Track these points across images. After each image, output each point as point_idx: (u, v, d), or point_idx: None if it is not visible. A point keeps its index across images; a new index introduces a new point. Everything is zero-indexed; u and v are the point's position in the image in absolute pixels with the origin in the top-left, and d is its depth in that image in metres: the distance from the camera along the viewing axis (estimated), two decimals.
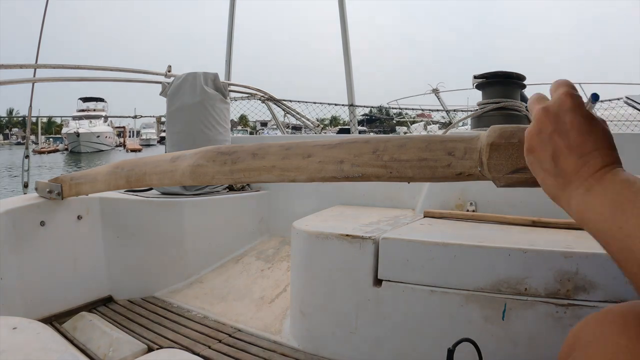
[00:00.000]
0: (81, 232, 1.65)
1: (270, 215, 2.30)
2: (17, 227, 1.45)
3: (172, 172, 1.17)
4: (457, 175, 0.72)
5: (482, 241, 1.09)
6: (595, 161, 0.45)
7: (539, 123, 0.49)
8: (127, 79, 2.55)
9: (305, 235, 1.33)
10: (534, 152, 0.50)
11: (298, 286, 1.39)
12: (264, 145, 0.98)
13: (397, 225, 1.39)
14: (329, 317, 1.28)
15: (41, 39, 2.43)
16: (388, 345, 1.19)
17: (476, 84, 2.21)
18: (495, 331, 1.05)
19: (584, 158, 0.45)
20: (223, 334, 1.43)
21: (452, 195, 1.57)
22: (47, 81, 2.27)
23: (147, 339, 1.39)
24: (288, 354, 1.31)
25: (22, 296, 1.45)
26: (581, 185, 0.45)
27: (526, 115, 2.16)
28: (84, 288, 1.64)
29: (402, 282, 1.16)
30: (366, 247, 1.20)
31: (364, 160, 0.81)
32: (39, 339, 0.76)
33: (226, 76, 4.02)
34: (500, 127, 0.65)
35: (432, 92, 7.13)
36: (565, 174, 0.46)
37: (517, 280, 1.03)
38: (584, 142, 0.45)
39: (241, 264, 2.00)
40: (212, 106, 2.19)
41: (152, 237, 1.81)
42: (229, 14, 4.20)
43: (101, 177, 1.41)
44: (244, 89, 3.26)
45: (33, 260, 1.49)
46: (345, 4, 4.24)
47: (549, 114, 0.48)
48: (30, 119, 2.55)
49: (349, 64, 4.33)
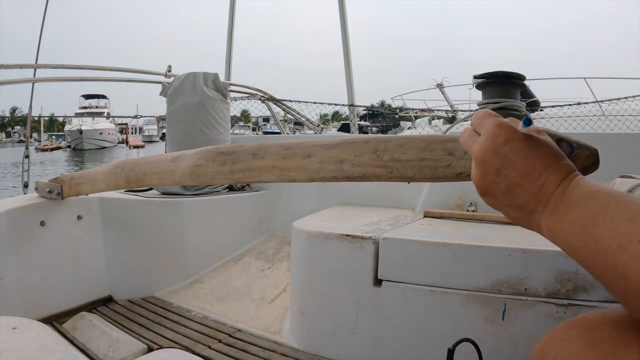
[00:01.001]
0: (81, 232, 1.65)
1: (270, 215, 2.30)
2: (17, 227, 1.45)
3: (172, 172, 1.17)
4: (457, 175, 0.72)
5: (482, 241, 1.09)
6: (549, 180, 0.43)
7: (481, 164, 0.47)
8: (127, 78, 2.55)
9: (305, 235, 1.33)
10: (487, 194, 0.48)
11: (298, 286, 1.39)
12: (264, 145, 0.98)
13: (397, 225, 1.39)
14: (329, 317, 1.28)
15: (41, 39, 2.43)
16: (388, 345, 1.19)
17: (476, 84, 2.21)
18: (495, 331, 1.05)
19: (538, 181, 0.43)
20: (223, 334, 1.43)
21: (452, 195, 1.57)
22: (47, 81, 2.27)
23: (147, 339, 1.39)
24: (288, 354, 1.31)
25: (22, 296, 1.45)
26: (545, 208, 0.43)
27: (526, 115, 2.16)
28: (84, 288, 1.64)
29: (402, 282, 1.16)
30: (366, 247, 1.20)
31: (364, 160, 0.81)
32: (39, 339, 0.76)
33: (226, 76, 4.02)
34: None
35: (437, 87, 7.11)
36: (525, 203, 0.45)
37: (517, 280, 1.03)
38: (531, 166, 0.44)
39: (241, 264, 2.01)
40: (212, 106, 2.19)
41: (152, 237, 1.81)
42: (229, 15, 4.20)
43: (101, 177, 1.41)
44: (244, 89, 3.26)
45: (33, 260, 1.49)
46: (345, 4, 4.24)
47: (487, 152, 0.46)
48: (30, 118, 2.55)
49: (349, 64, 4.33)
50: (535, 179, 0.44)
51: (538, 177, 0.43)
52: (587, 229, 0.39)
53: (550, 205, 0.43)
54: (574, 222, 0.40)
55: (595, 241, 0.38)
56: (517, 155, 0.44)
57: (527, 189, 0.44)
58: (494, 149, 0.45)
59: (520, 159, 0.44)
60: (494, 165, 0.45)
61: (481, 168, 0.47)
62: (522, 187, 0.44)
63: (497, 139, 0.45)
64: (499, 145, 0.45)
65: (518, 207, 0.46)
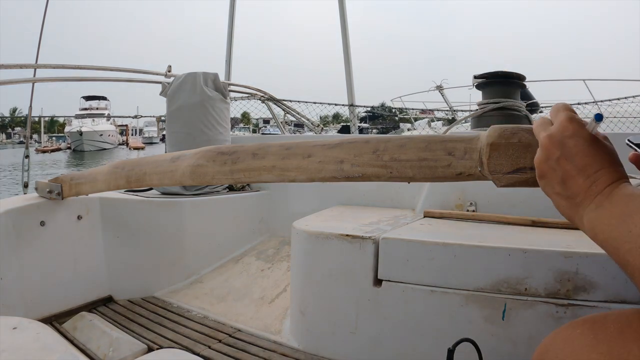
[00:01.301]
0: (81, 232, 1.65)
1: (270, 215, 2.30)
2: (17, 227, 1.45)
3: (172, 172, 1.17)
4: (457, 175, 0.72)
5: (482, 241, 1.09)
6: (602, 180, 0.47)
7: (545, 150, 0.51)
8: (127, 78, 2.55)
9: (305, 235, 1.33)
10: (544, 178, 0.53)
11: (298, 286, 1.39)
12: (264, 145, 0.98)
13: (397, 225, 1.39)
14: (329, 317, 1.28)
15: (41, 39, 2.43)
16: (388, 345, 1.19)
17: (476, 84, 2.21)
18: (495, 331, 1.05)
19: (591, 178, 0.47)
20: (223, 334, 1.43)
21: (452, 195, 1.56)
22: (47, 81, 2.27)
23: (147, 339, 1.39)
24: (288, 354, 1.31)
25: (22, 296, 1.45)
26: (591, 203, 0.47)
27: (526, 115, 2.16)
28: (84, 288, 1.64)
29: (402, 282, 1.16)
30: (366, 247, 1.20)
31: (364, 160, 0.81)
32: (39, 339, 0.76)
33: (226, 76, 4.02)
34: (500, 127, 0.65)
35: (436, 88, 7.09)
36: (575, 195, 0.49)
37: (517, 280, 1.03)
38: (589, 164, 0.48)
39: (241, 264, 2.01)
40: (212, 106, 2.19)
41: (152, 237, 1.81)
42: (229, 14, 4.20)
43: (101, 177, 1.41)
44: (244, 88, 3.26)
45: (33, 260, 1.49)
46: (345, 4, 4.24)
47: (553, 141, 0.50)
48: (30, 119, 2.55)
49: (349, 64, 4.33)
50: (589, 176, 0.48)
51: (592, 174, 0.47)
52: (624, 220, 0.42)
53: (596, 201, 0.47)
54: (613, 214, 0.44)
55: (629, 230, 0.41)
56: (578, 150, 0.48)
57: (579, 183, 0.48)
58: (560, 139, 0.50)
59: (580, 154, 0.48)
60: (556, 154, 0.50)
61: (545, 153, 0.52)
62: (575, 180, 0.48)
63: (566, 131, 0.50)
64: (566, 137, 0.49)
65: (567, 197, 0.50)
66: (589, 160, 0.48)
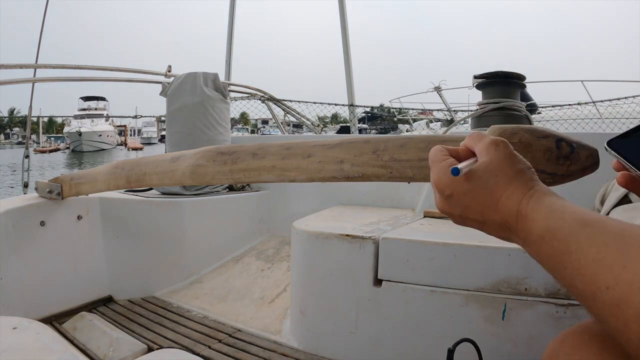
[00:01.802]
0: (81, 232, 1.65)
1: (270, 215, 2.30)
2: (17, 227, 1.45)
3: (172, 172, 1.17)
4: None
5: (482, 241, 1.09)
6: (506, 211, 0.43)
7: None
8: (127, 78, 2.55)
9: (305, 235, 1.33)
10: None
11: (298, 286, 1.39)
12: (263, 145, 0.98)
13: (397, 225, 1.39)
14: (329, 317, 1.28)
15: (41, 39, 2.43)
16: (388, 345, 1.19)
17: (476, 84, 2.21)
18: (495, 331, 1.05)
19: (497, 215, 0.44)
20: (223, 334, 1.43)
21: None
22: (47, 81, 2.27)
23: (147, 339, 1.39)
24: (288, 354, 1.31)
25: (22, 296, 1.45)
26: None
27: (526, 115, 2.16)
28: (84, 288, 1.64)
29: (402, 282, 1.16)
30: (366, 247, 1.20)
31: (364, 160, 0.81)
32: (39, 339, 0.76)
33: (226, 76, 4.02)
34: (500, 127, 0.65)
35: (435, 90, 7.09)
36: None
37: (517, 280, 1.03)
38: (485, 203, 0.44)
39: (241, 264, 2.00)
40: (212, 106, 2.19)
41: (152, 237, 1.81)
42: (229, 14, 4.19)
43: (101, 177, 1.41)
44: (244, 88, 3.26)
45: (33, 260, 1.49)
46: (345, 4, 4.24)
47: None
48: (30, 118, 2.55)
49: (349, 64, 4.32)
50: (493, 212, 0.44)
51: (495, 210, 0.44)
52: (558, 270, 0.39)
53: (520, 236, 0.43)
54: (547, 259, 0.40)
55: (570, 284, 0.37)
56: (468, 200, 0.45)
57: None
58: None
59: (472, 202, 0.45)
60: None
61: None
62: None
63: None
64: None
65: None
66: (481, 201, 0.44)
